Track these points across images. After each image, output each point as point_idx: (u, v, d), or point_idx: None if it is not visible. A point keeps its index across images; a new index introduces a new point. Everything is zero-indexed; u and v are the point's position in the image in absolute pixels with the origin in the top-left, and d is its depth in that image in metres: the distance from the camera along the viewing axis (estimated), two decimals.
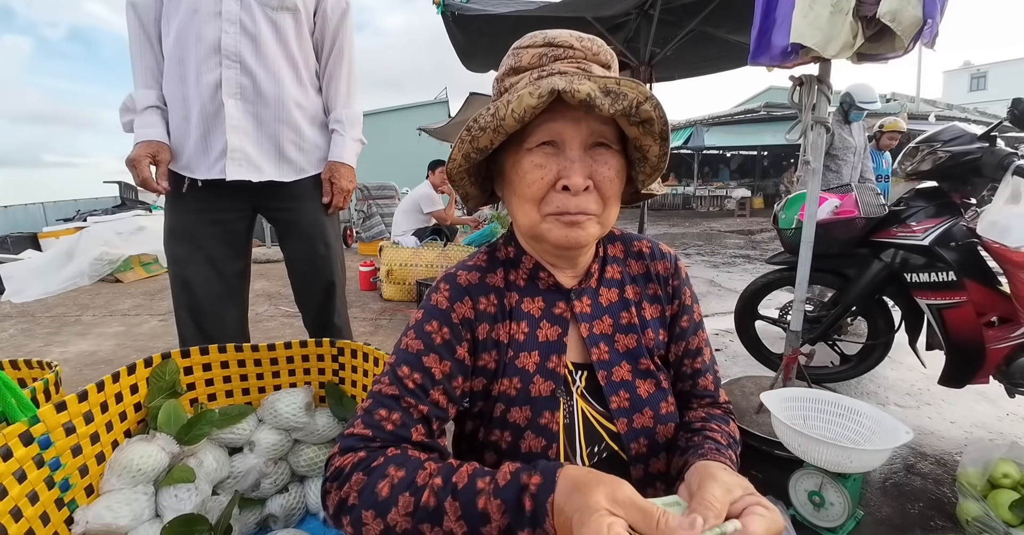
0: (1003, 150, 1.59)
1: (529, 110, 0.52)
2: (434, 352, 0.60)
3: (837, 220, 1.82)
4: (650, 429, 0.63)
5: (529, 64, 0.58)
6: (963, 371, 1.72)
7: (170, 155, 1.26)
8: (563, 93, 0.50)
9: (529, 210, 0.59)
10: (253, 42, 1.24)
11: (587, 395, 0.64)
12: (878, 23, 1.39)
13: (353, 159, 1.42)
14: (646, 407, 0.64)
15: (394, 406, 0.57)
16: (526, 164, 0.58)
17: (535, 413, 0.61)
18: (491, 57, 3.76)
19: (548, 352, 0.63)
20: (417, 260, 3.96)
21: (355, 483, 0.51)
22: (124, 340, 3.12)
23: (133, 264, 5.17)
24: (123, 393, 0.94)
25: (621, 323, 0.67)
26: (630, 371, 0.65)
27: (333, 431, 1.11)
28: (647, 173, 0.63)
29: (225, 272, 1.34)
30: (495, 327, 0.64)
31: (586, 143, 0.57)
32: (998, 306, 1.67)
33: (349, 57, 1.42)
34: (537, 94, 0.51)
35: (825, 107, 1.62)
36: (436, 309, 0.63)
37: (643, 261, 0.71)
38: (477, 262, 0.67)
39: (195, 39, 1.21)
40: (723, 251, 6.75)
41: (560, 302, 0.66)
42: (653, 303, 0.69)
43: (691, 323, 0.71)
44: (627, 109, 0.53)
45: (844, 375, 2.13)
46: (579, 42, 0.58)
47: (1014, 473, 1.30)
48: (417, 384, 0.58)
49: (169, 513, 0.88)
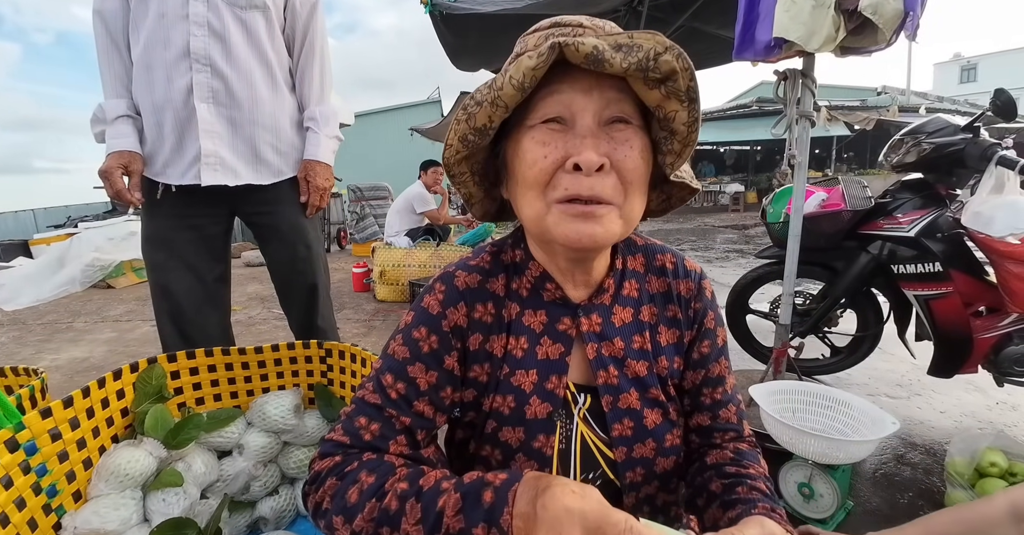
0: (986, 141, 1.61)
1: (529, 73, 0.45)
2: (420, 361, 0.57)
3: (824, 213, 1.83)
4: (649, 460, 0.59)
5: (535, 45, 0.51)
6: (952, 361, 1.73)
7: (143, 165, 1.24)
8: (564, 47, 0.43)
9: (533, 198, 0.51)
10: (223, 44, 1.22)
11: (589, 419, 0.59)
12: (860, 16, 1.40)
13: (329, 157, 1.40)
14: (649, 438, 0.59)
15: (375, 416, 0.55)
16: (527, 142, 0.50)
17: (528, 436, 0.58)
18: (481, 56, 3.75)
19: (548, 372, 0.58)
20: (410, 260, 3.96)
21: (328, 488, 0.51)
22: (116, 346, 3.11)
23: (125, 269, 5.15)
24: (109, 398, 0.94)
25: (633, 348, 0.60)
26: (639, 399, 0.60)
27: (322, 433, 1.11)
28: (676, 151, 0.52)
29: (204, 277, 1.33)
30: (489, 338, 0.59)
31: (600, 116, 0.48)
32: (985, 296, 1.69)
33: (321, 52, 1.40)
34: (536, 54, 0.44)
35: (810, 101, 1.63)
36: (427, 314, 0.58)
37: (665, 278, 0.64)
38: (480, 263, 0.61)
39: (163, 44, 1.20)
40: (717, 246, 6.77)
41: (565, 318, 0.59)
42: (671, 327, 0.63)
43: (712, 349, 0.64)
44: (642, 62, 0.44)
45: (835, 367, 2.14)
46: (590, 21, 0.52)
47: (1001, 462, 1.31)
48: (400, 395, 0.56)
49: (157, 517, 0.88)
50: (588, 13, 2.81)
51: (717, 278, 4.63)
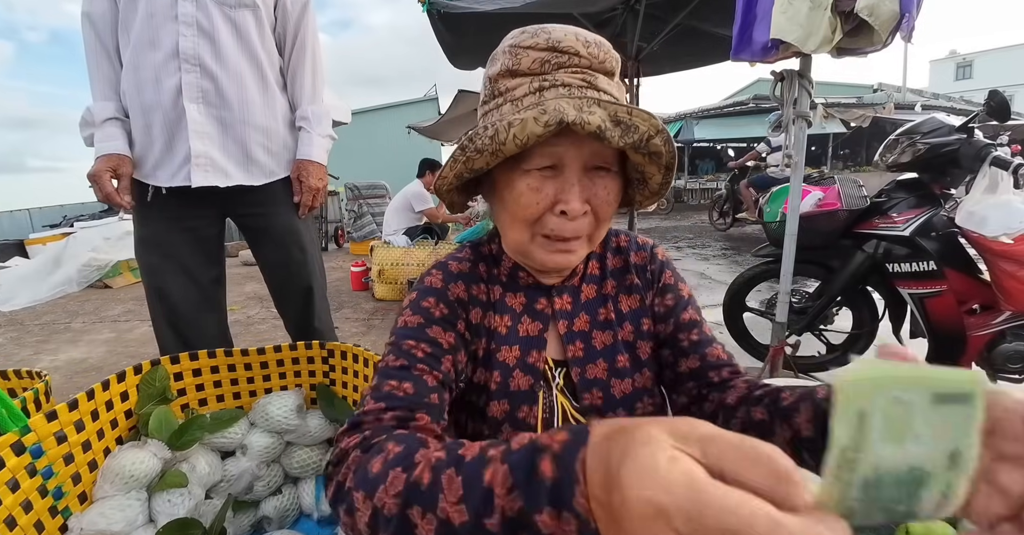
0: (980, 141, 1.63)
1: (533, 138, 0.49)
2: (436, 324, 0.59)
3: (820, 212, 1.84)
4: None
5: (529, 70, 0.54)
6: (946, 358, 1.75)
7: (132, 167, 1.24)
8: (572, 124, 0.48)
9: (520, 230, 0.58)
10: (212, 44, 1.21)
11: (566, 391, 0.64)
12: (856, 18, 1.41)
13: (323, 156, 1.39)
14: (619, 407, 0.63)
15: (405, 376, 0.53)
16: (521, 186, 0.55)
17: (513, 407, 0.61)
18: (479, 54, 3.75)
19: (529, 347, 0.64)
20: (408, 259, 3.96)
21: (352, 462, 0.44)
22: (115, 347, 3.10)
23: (122, 269, 5.13)
24: (113, 401, 0.94)
25: (599, 320, 0.66)
26: (605, 370, 0.64)
27: (325, 433, 1.12)
28: (645, 196, 0.62)
29: (200, 279, 1.32)
30: (485, 314, 0.64)
31: (586, 166, 0.55)
32: (979, 294, 1.71)
33: (313, 51, 1.38)
34: (544, 122, 0.48)
35: (806, 101, 1.64)
36: (431, 289, 0.62)
37: (621, 255, 0.71)
38: (465, 255, 0.68)
39: (152, 44, 1.19)
40: (713, 244, 6.79)
41: (541, 298, 0.66)
42: (631, 294, 0.68)
43: (677, 300, 0.68)
44: (636, 142, 0.51)
45: (831, 364, 2.16)
46: (585, 48, 0.54)
47: None
48: (427, 353, 0.56)
49: (163, 518, 0.89)
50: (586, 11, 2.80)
51: (713, 276, 4.65)
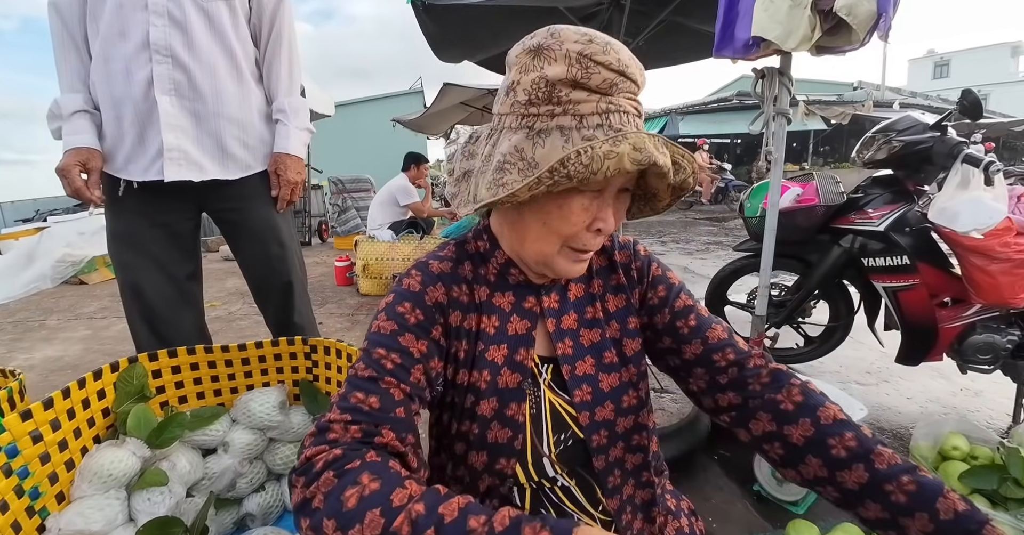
0: (953, 139, 1.67)
1: (624, 172, 0.51)
2: (409, 332, 0.58)
3: (799, 208, 1.88)
4: (611, 421, 0.64)
5: (598, 88, 0.53)
6: (918, 350, 1.81)
7: (102, 161, 1.21)
8: (653, 166, 0.52)
9: (553, 243, 0.58)
10: (184, 34, 1.18)
11: (554, 386, 0.65)
12: (835, 17, 1.43)
13: (300, 149, 1.38)
14: (608, 400, 0.65)
15: (372, 389, 0.54)
16: (576, 206, 0.56)
17: (502, 404, 0.62)
18: (464, 47, 3.71)
19: (517, 345, 0.64)
20: (393, 254, 3.94)
21: (323, 483, 0.45)
22: (91, 344, 3.04)
23: (98, 265, 5.01)
24: (90, 399, 0.93)
25: (586, 318, 0.68)
26: (593, 365, 0.66)
27: (308, 429, 1.12)
28: (645, 213, 0.66)
29: (176, 275, 1.30)
30: (467, 316, 0.63)
31: (620, 188, 0.58)
32: (950, 287, 1.76)
33: (289, 42, 1.36)
34: (638, 161, 0.50)
35: (786, 99, 1.66)
36: (408, 292, 0.61)
37: (605, 255, 0.72)
38: (447, 254, 0.67)
39: (122, 35, 1.16)
40: (697, 238, 6.87)
41: (530, 297, 0.66)
42: (617, 293, 0.70)
43: (669, 289, 0.70)
44: (681, 182, 0.58)
45: (808, 356, 2.21)
46: (641, 76, 0.56)
47: (963, 446, 1.38)
48: (396, 364, 0.56)
49: (143, 517, 0.88)
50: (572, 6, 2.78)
51: (697, 270, 4.71)
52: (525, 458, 0.62)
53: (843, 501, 0.55)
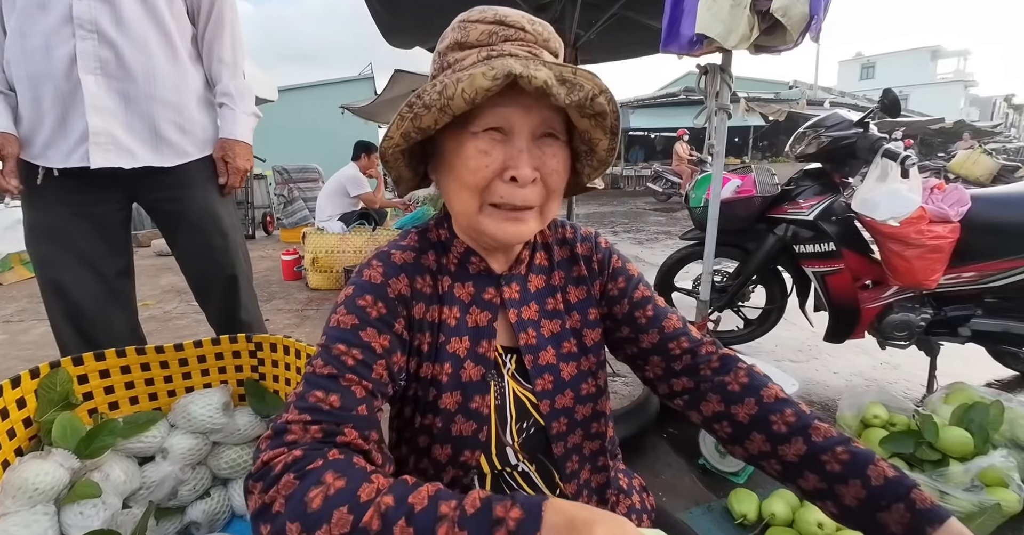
0: (874, 135, 1.80)
1: (481, 92, 0.49)
2: (371, 326, 0.56)
3: (738, 199, 1.98)
4: (570, 408, 0.65)
5: (477, 41, 0.55)
6: (843, 328, 1.97)
7: (18, 147, 1.11)
8: (519, 78, 0.48)
9: (468, 198, 0.57)
10: (111, 8, 1.09)
11: (517, 376, 0.65)
12: (771, 17, 1.50)
13: (248, 135, 1.31)
14: (567, 389, 0.65)
15: (332, 387, 0.51)
16: (470, 149, 0.54)
17: (465, 398, 0.61)
18: (416, 33, 3.62)
19: (479, 337, 0.63)
20: (344, 246, 3.83)
21: (284, 486, 0.42)
22: (8, 349, 2.78)
23: (13, 263, 4.57)
24: (8, 409, 0.86)
25: (547, 309, 0.67)
26: (555, 355, 0.66)
27: (256, 430, 1.08)
28: (594, 166, 0.63)
29: (104, 272, 1.21)
30: (430, 308, 0.62)
31: (535, 132, 0.55)
32: (871, 271, 1.92)
33: (232, 21, 1.28)
34: (492, 76, 0.48)
35: (727, 95, 1.74)
36: (369, 284, 0.59)
37: (567, 246, 0.72)
38: (410, 242, 0.65)
39: (41, 8, 1.06)
40: (647, 228, 7.10)
41: (490, 288, 0.65)
42: (578, 285, 0.70)
43: (628, 280, 0.71)
44: (582, 100, 0.52)
45: (747, 337, 2.36)
46: (531, 25, 0.55)
47: (883, 414, 1.51)
48: (358, 360, 0.54)
49: (75, 531, 0.83)
50: None
51: (647, 259, 4.88)
52: (489, 449, 0.62)
53: (784, 474, 0.59)
